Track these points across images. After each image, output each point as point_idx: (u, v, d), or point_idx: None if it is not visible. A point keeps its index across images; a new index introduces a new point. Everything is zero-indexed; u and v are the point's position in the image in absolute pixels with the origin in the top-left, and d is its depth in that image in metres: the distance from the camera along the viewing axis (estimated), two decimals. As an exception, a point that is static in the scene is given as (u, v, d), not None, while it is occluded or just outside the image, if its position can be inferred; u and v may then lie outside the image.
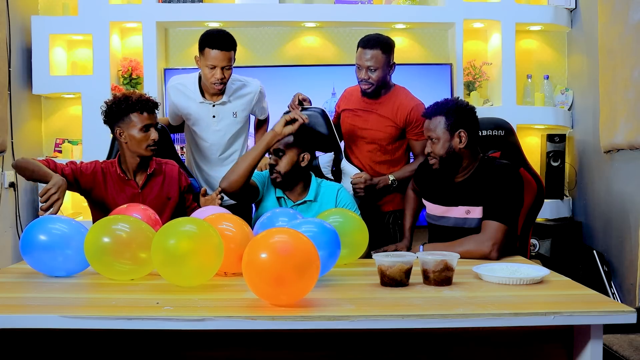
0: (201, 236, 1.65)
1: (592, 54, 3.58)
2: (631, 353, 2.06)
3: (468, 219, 2.19)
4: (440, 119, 2.22)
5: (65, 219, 1.88)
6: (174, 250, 1.62)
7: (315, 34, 3.88)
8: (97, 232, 1.74)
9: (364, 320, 1.41)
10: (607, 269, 3.38)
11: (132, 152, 2.34)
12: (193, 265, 1.64)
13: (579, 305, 1.50)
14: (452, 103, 2.24)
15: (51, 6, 3.75)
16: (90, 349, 1.56)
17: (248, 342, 1.54)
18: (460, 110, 2.22)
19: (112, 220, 1.80)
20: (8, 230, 3.42)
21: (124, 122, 2.31)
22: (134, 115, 2.31)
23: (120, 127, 2.32)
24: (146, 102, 2.33)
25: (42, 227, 1.81)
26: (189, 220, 1.72)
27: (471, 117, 2.24)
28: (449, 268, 1.69)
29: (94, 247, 1.73)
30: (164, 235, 1.65)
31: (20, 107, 3.51)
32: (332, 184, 2.46)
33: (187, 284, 1.69)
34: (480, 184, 2.19)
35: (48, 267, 1.82)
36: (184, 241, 1.63)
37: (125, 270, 1.76)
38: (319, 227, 1.73)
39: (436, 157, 2.23)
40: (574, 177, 3.83)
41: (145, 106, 2.32)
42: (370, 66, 2.61)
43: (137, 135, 2.30)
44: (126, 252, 1.74)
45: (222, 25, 3.74)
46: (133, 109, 2.30)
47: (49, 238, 1.79)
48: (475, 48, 3.95)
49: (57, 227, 1.82)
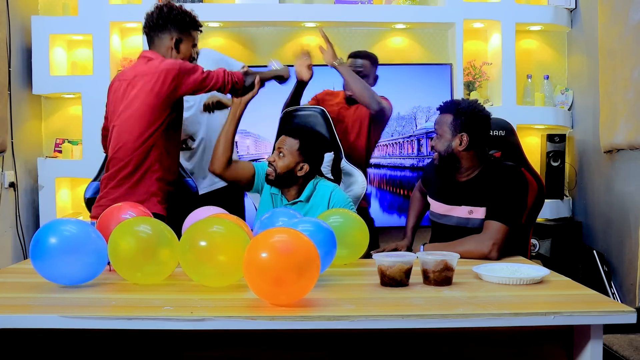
0: (231, 235, 1.66)
1: (592, 54, 3.58)
2: (631, 353, 2.06)
3: (471, 219, 2.19)
4: (449, 117, 2.22)
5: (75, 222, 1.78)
6: (203, 250, 1.62)
7: (315, 34, 3.88)
8: (121, 236, 1.70)
9: (364, 320, 1.41)
10: (607, 269, 3.38)
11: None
12: (225, 265, 1.64)
13: (579, 305, 1.50)
14: (464, 104, 2.23)
15: (51, 6, 3.75)
16: (90, 349, 1.56)
17: (248, 342, 1.54)
18: (470, 114, 2.20)
19: (133, 223, 1.76)
20: (8, 230, 3.42)
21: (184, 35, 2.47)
22: (194, 32, 2.47)
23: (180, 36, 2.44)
24: None
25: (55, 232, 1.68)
26: (217, 221, 1.71)
27: (480, 123, 2.22)
28: (449, 268, 1.69)
29: (119, 251, 1.69)
30: (193, 236, 1.65)
31: (20, 107, 3.51)
32: (328, 185, 2.40)
33: (216, 284, 1.68)
34: (484, 185, 2.19)
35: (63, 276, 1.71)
36: (212, 240, 1.64)
37: (153, 272, 1.72)
38: (315, 226, 1.74)
39: (436, 152, 2.25)
40: (574, 177, 3.83)
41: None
42: (360, 71, 2.91)
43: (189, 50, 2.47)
44: (152, 254, 1.70)
45: (222, 26, 3.74)
46: (195, 26, 2.42)
47: (61, 242, 1.66)
48: (475, 48, 3.95)
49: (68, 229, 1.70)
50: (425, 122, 3.67)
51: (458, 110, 2.21)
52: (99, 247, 1.71)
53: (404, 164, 3.69)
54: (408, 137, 3.69)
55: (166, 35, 2.41)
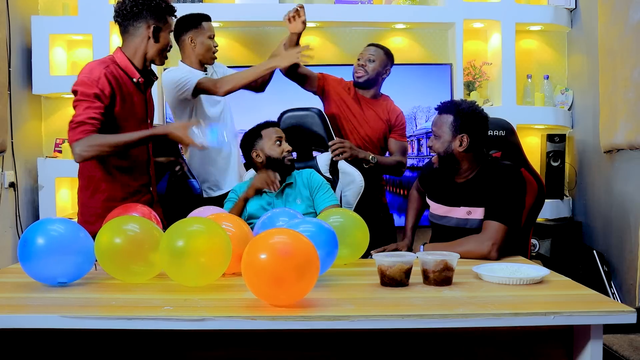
0: (210, 235, 1.65)
1: (592, 54, 3.58)
2: (631, 353, 2.06)
3: (470, 220, 2.19)
4: (449, 117, 2.21)
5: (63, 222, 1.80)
6: (182, 250, 1.61)
7: (315, 34, 3.88)
8: (109, 234, 1.72)
9: (364, 320, 1.41)
10: (607, 269, 3.38)
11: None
12: (201, 265, 1.63)
13: (579, 305, 1.50)
14: (465, 105, 2.22)
15: (51, 6, 3.75)
16: (90, 349, 1.56)
17: (248, 342, 1.54)
18: (470, 115, 2.20)
19: (122, 221, 1.77)
20: (8, 230, 3.42)
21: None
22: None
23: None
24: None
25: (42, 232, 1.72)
26: (197, 220, 1.72)
27: (480, 124, 2.21)
28: (449, 268, 1.69)
29: (106, 249, 1.70)
30: (172, 235, 1.64)
31: (20, 107, 3.52)
32: (304, 170, 2.54)
33: (194, 283, 1.68)
34: (482, 185, 2.18)
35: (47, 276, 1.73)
36: (192, 240, 1.63)
37: (140, 272, 1.73)
38: (317, 227, 1.74)
39: (435, 153, 2.25)
40: (574, 177, 3.83)
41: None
42: (371, 56, 2.89)
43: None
44: (139, 253, 1.71)
45: (222, 26, 3.74)
46: (171, 12, 2.36)
47: (47, 243, 1.69)
48: (475, 48, 3.95)
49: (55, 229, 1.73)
50: (425, 122, 3.67)
51: (459, 111, 2.20)
52: (85, 246, 1.73)
53: (404, 164, 3.68)
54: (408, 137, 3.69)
55: (142, 24, 2.27)
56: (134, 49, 2.30)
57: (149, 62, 2.34)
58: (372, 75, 2.89)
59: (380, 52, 2.92)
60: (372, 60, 2.88)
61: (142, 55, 2.31)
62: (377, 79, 2.91)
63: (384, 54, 2.92)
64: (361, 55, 2.93)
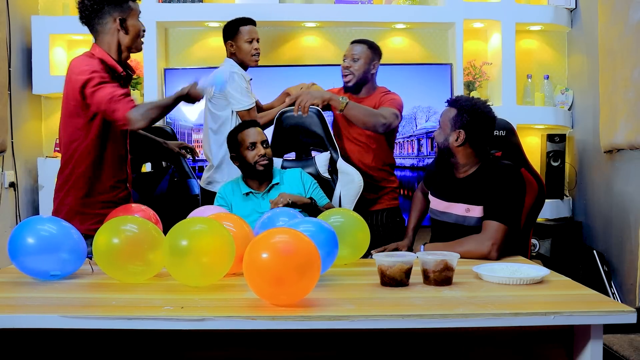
0: (214, 235, 1.65)
1: (592, 54, 3.58)
2: (631, 353, 2.06)
3: (467, 217, 2.20)
4: (452, 111, 2.24)
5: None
6: (185, 250, 1.61)
7: (315, 34, 3.88)
8: (107, 234, 1.72)
9: (364, 320, 1.41)
10: (607, 269, 3.38)
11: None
12: (205, 265, 1.63)
13: (579, 305, 1.50)
14: (470, 102, 2.24)
15: (51, 6, 3.75)
16: (90, 349, 1.56)
17: (248, 342, 1.54)
18: (473, 112, 2.20)
19: (120, 222, 1.77)
20: (8, 230, 3.41)
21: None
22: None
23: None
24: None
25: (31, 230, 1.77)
26: (200, 220, 1.72)
27: (480, 122, 2.22)
28: (449, 268, 1.69)
29: (104, 249, 1.71)
30: (176, 235, 1.64)
31: (20, 107, 3.51)
32: (293, 170, 2.53)
33: (197, 283, 1.68)
34: (481, 183, 2.19)
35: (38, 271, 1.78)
36: (195, 240, 1.63)
37: (137, 272, 1.73)
38: (317, 227, 1.74)
39: (436, 143, 2.30)
40: (574, 177, 3.83)
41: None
42: (354, 55, 2.81)
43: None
44: (137, 253, 1.71)
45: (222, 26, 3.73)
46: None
47: (37, 242, 1.74)
48: (475, 48, 3.95)
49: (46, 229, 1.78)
50: (425, 122, 3.67)
51: (462, 106, 2.23)
52: (75, 242, 1.77)
53: (404, 164, 3.69)
54: (408, 137, 3.69)
55: (108, 19, 2.27)
56: (107, 44, 2.30)
57: (126, 53, 2.34)
58: (360, 75, 2.82)
59: (363, 47, 2.83)
60: (357, 59, 2.81)
61: (117, 48, 2.31)
62: (365, 77, 2.84)
63: (368, 49, 2.84)
64: (345, 55, 2.86)
